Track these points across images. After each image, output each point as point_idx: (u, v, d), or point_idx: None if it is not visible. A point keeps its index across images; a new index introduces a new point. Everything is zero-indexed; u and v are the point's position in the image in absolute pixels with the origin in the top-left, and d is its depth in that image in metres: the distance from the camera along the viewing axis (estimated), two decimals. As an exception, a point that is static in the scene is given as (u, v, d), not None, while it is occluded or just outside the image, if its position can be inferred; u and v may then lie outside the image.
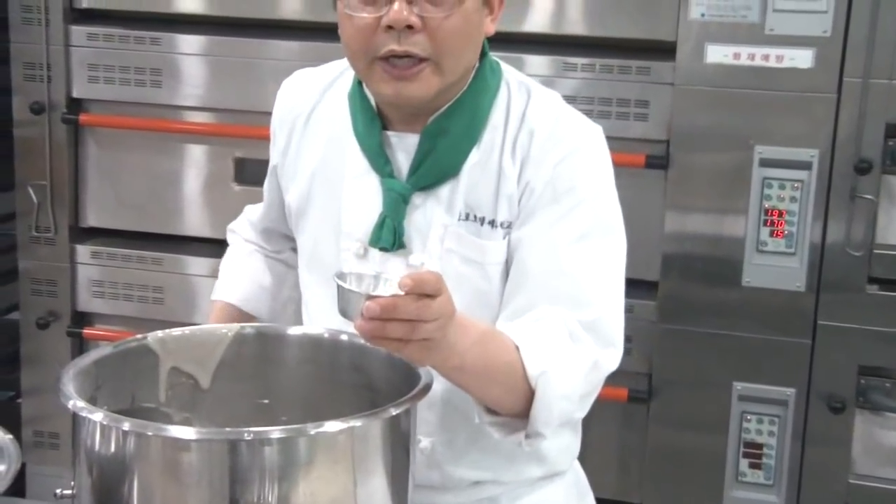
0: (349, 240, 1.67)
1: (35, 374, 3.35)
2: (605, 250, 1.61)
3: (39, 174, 3.20)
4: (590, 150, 1.63)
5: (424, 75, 1.55)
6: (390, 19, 1.51)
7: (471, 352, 1.43)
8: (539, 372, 1.47)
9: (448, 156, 1.62)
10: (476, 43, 1.60)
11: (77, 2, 3.16)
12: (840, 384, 2.80)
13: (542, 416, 1.49)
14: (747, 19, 2.70)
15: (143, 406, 1.53)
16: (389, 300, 1.29)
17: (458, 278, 1.59)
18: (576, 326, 1.55)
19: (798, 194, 2.74)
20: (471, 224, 1.62)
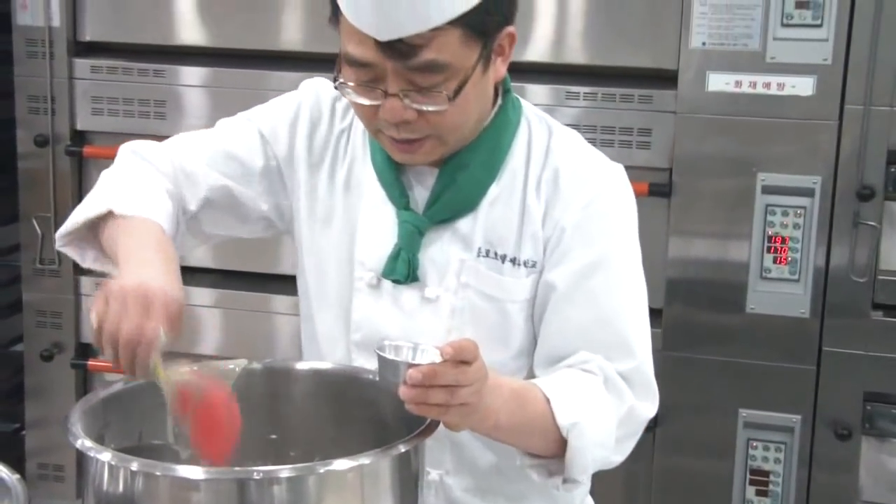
0: (362, 269, 1.65)
1: (39, 407, 3.34)
2: (638, 295, 1.63)
3: (44, 206, 3.20)
4: (616, 191, 1.63)
5: (427, 147, 1.55)
6: (385, 115, 1.51)
7: (504, 409, 1.45)
8: (570, 423, 1.48)
9: (467, 190, 1.61)
10: (484, 103, 1.59)
11: (80, 35, 3.17)
12: (846, 411, 2.80)
13: (577, 464, 1.50)
14: (748, 47, 2.71)
15: (151, 443, 1.53)
16: (431, 367, 1.32)
17: (475, 313, 1.61)
18: (613, 374, 1.56)
19: (801, 221, 2.75)
20: (490, 261, 1.61)
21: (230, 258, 3.16)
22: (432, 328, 1.60)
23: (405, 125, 1.51)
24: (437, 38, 1.45)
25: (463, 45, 1.48)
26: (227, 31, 3.10)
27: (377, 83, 1.49)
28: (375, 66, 1.48)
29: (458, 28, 1.46)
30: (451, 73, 1.48)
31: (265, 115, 1.74)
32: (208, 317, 3.17)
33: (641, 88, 2.82)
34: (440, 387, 1.33)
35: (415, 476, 1.41)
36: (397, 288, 1.63)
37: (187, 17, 3.11)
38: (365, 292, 1.65)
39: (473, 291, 1.61)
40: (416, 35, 1.44)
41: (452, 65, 1.48)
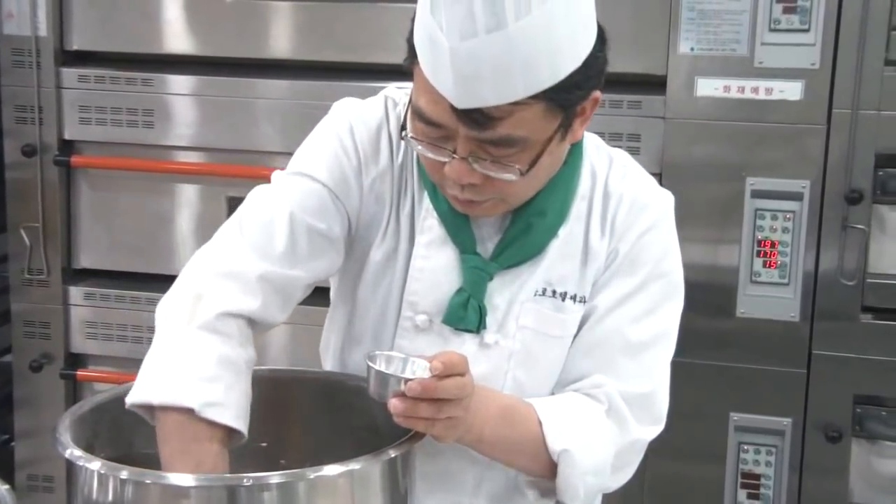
0: (412, 310, 1.57)
1: (29, 417, 3.33)
2: (669, 322, 1.60)
3: (32, 216, 3.19)
4: (669, 222, 1.61)
5: (490, 206, 1.49)
6: (451, 175, 1.43)
7: (489, 424, 1.45)
8: (561, 449, 1.48)
9: (540, 236, 1.55)
10: (555, 168, 1.51)
11: (68, 44, 3.16)
12: (836, 413, 2.80)
13: (568, 491, 1.50)
14: (736, 53, 2.72)
15: (140, 452, 1.52)
16: (428, 381, 1.32)
17: (529, 354, 1.57)
18: (620, 402, 1.54)
19: (790, 225, 2.75)
20: (549, 299, 1.57)
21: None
22: (489, 372, 1.55)
23: (471, 187, 1.44)
24: (518, 112, 1.37)
25: (543, 118, 1.39)
26: (215, 40, 3.10)
27: (446, 142, 1.42)
28: (447, 128, 1.40)
29: (542, 102, 1.37)
30: (526, 146, 1.40)
31: (324, 164, 1.56)
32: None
33: (630, 94, 2.82)
34: (430, 401, 1.33)
35: (405, 482, 1.41)
36: (453, 333, 1.56)
37: (175, 25, 3.11)
38: (412, 333, 1.58)
39: (530, 333, 1.57)
40: (496, 108, 1.36)
41: (529, 139, 1.40)
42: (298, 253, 1.53)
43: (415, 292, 1.57)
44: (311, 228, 1.54)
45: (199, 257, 1.54)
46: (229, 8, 3.05)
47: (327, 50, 3.01)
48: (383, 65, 2.80)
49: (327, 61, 3.03)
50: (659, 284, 1.58)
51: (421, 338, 1.57)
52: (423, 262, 1.57)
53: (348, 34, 2.98)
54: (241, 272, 1.49)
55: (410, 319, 1.58)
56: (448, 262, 1.56)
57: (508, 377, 1.57)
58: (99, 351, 3.26)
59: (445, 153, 1.42)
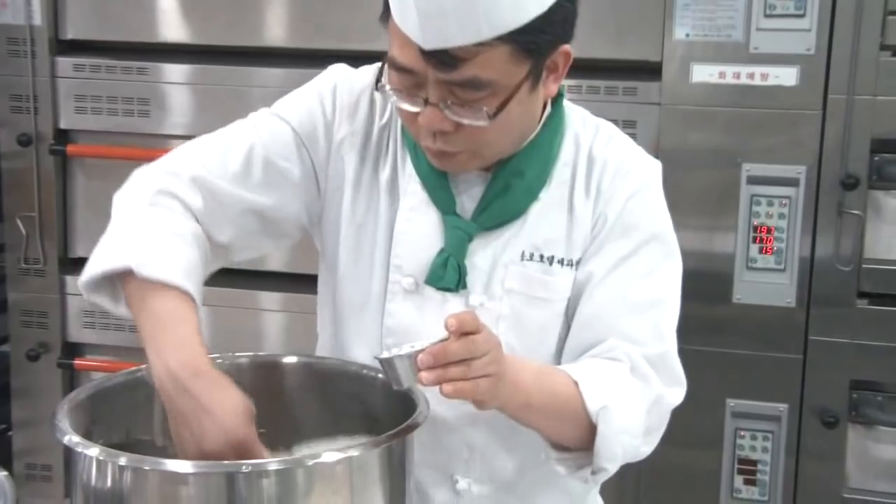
0: (398, 274, 1.60)
1: (26, 407, 3.34)
2: (670, 285, 1.61)
3: (28, 206, 3.20)
4: (656, 184, 1.63)
5: (463, 159, 1.52)
6: (423, 122, 1.46)
7: (534, 387, 1.44)
8: (599, 407, 1.47)
9: (519, 197, 1.57)
10: (528, 120, 1.54)
11: (62, 33, 3.16)
12: (832, 399, 2.81)
13: (606, 451, 1.48)
14: (732, 38, 2.72)
15: (138, 438, 1.52)
16: (438, 347, 1.31)
17: (519, 318, 1.58)
18: (641, 362, 1.54)
19: (786, 211, 2.76)
20: (536, 264, 1.58)
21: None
22: None
23: (442, 136, 1.47)
24: (483, 53, 1.39)
25: (510, 62, 1.41)
26: (210, 28, 3.09)
27: (418, 90, 1.45)
28: (417, 74, 1.43)
29: (507, 45, 1.40)
30: (495, 90, 1.42)
31: (298, 111, 1.63)
32: (195, 314, 3.16)
33: (626, 80, 2.83)
34: (454, 363, 1.32)
35: (403, 469, 1.41)
36: (439, 295, 1.58)
37: (170, 14, 3.11)
38: (400, 297, 1.60)
39: (518, 296, 1.58)
40: (461, 48, 1.38)
41: (496, 82, 1.42)
42: (250, 179, 1.58)
43: (399, 255, 1.60)
44: (269, 162, 1.59)
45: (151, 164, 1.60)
46: (224, -4, 3.05)
47: (321, 38, 3.01)
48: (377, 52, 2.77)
49: (322, 49, 3.02)
50: (653, 246, 1.59)
51: (409, 301, 1.59)
52: (407, 225, 1.60)
53: (342, 22, 2.98)
54: (183, 172, 1.56)
55: (398, 283, 1.60)
56: (431, 224, 1.59)
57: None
58: (96, 340, 3.26)
59: (418, 102, 1.45)
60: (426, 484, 1.63)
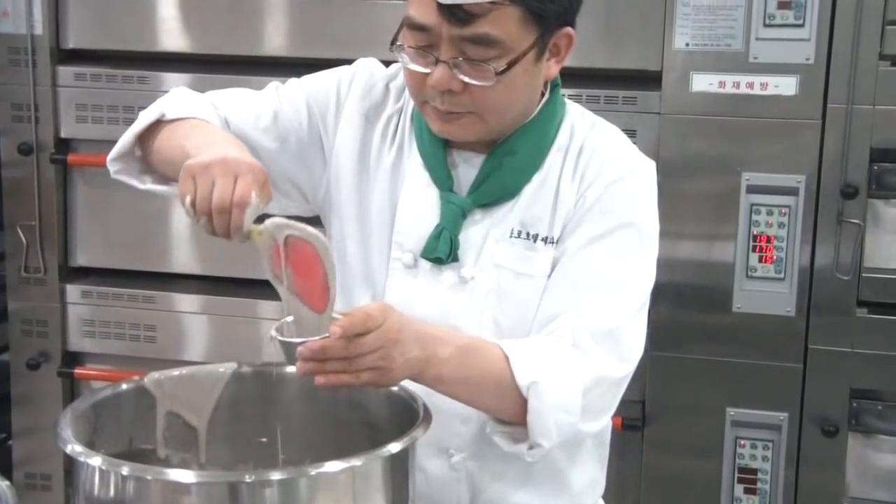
0: (399, 250, 1.68)
1: (26, 416, 3.33)
2: (639, 270, 1.65)
3: (28, 215, 3.19)
4: (642, 177, 1.68)
5: (466, 122, 1.59)
6: (432, 82, 1.55)
7: (448, 364, 1.48)
8: (529, 382, 1.50)
9: (511, 177, 1.66)
10: (529, 95, 1.63)
11: (63, 42, 3.16)
12: (832, 408, 2.81)
13: (538, 426, 1.51)
14: (731, 48, 2.72)
15: (140, 448, 1.53)
16: (318, 343, 1.36)
17: (507, 293, 1.65)
18: (584, 335, 1.57)
19: (786, 220, 2.76)
20: (522, 241, 1.65)
21: (216, 264, 3.15)
22: (467, 309, 1.64)
23: (450, 95, 1.55)
24: (496, 11, 1.49)
25: (519, 26, 1.52)
26: (210, 38, 3.10)
27: (431, 49, 1.54)
28: (431, 32, 1.52)
29: (518, 8, 1.50)
30: (503, 50, 1.52)
31: (316, 85, 1.77)
32: (195, 323, 3.16)
33: (626, 90, 2.83)
34: (335, 359, 1.37)
35: (406, 476, 1.41)
36: (435, 269, 1.66)
37: (170, 23, 3.11)
38: (401, 273, 1.68)
39: (507, 272, 1.65)
40: (476, 4, 1.48)
41: (506, 43, 1.52)
42: (259, 122, 1.73)
43: (400, 232, 1.68)
44: (278, 115, 1.73)
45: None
46: (224, 5, 3.06)
47: (321, 47, 3.01)
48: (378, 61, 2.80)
49: (321, 58, 3.00)
50: (628, 232, 1.63)
51: (409, 276, 1.67)
52: (409, 204, 1.68)
53: (342, 31, 2.98)
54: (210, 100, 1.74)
55: (399, 259, 1.68)
56: (430, 202, 1.67)
57: (486, 317, 1.64)
58: (96, 349, 3.26)
59: (430, 61, 1.54)
60: (421, 457, 1.64)
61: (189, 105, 1.67)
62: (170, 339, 3.19)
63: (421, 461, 1.64)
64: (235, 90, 1.80)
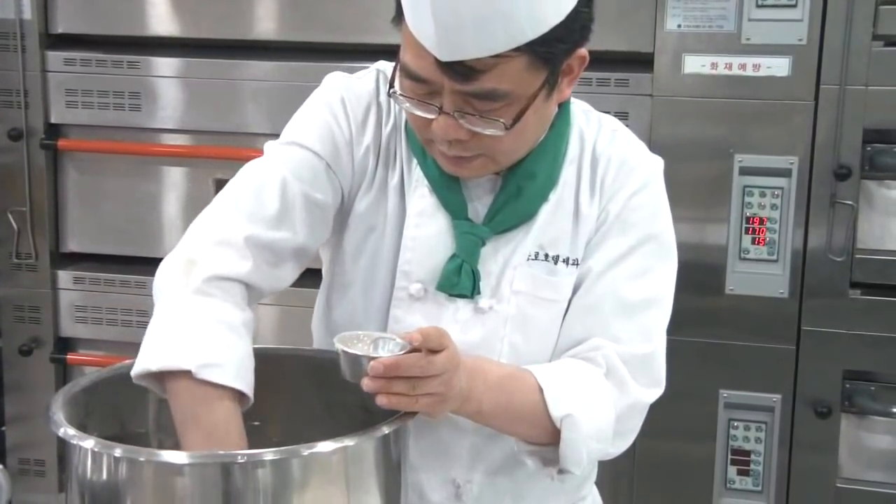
0: (406, 280, 1.57)
1: (19, 402, 3.33)
2: (663, 286, 1.60)
3: (19, 201, 3.18)
4: (658, 183, 1.62)
5: (478, 164, 1.50)
6: (438, 131, 1.44)
7: (487, 395, 1.44)
8: (563, 414, 1.47)
9: (531, 199, 1.56)
10: (543, 126, 1.53)
11: (52, 27, 3.15)
12: (825, 389, 2.81)
13: (571, 456, 1.49)
14: (724, 29, 2.72)
15: (132, 431, 1.52)
16: (393, 359, 1.31)
17: (525, 319, 1.57)
18: (619, 364, 1.54)
19: (778, 201, 2.76)
20: (541, 263, 1.57)
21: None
22: (484, 338, 1.56)
23: (458, 143, 1.45)
24: (501, 65, 1.38)
25: (527, 72, 1.40)
26: (200, 22, 3.09)
27: (432, 98, 1.43)
28: (432, 83, 1.42)
29: (524, 55, 1.38)
30: (511, 100, 1.41)
31: (316, 135, 1.57)
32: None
33: (617, 72, 2.82)
34: (403, 378, 1.32)
35: (399, 458, 1.41)
36: (448, 300, 1.57)
37: (160, 7, 3.10)
38: (406, 303, 1.57)
39: (524, 297, 1.57)
40: (478, 60, 1.37)
41: (513, 93, 1.41)
42: (290, 216, 1.54)
43: (408, 261, 1.57)
44: (305, 195, 1.55)
45: (193, 228, 1.55)
46: (214, -11, 3.05)
47: (312, 30, 3.00)
48: (369, 45, 2.79)
49: (312, 42, 3.02)
50: (651, 246, 1.58)
51: (416, 307, 1.57)
52: (416, 231, 1.57)
53: (333, 15, 2.97)
54: (231, 237, 1.50)
55: (405, 289, 1.57)
56: (441, 229, 1.57)
57: (505, 343, 1.57)
58: (88, 335, 3.26)
59: (432, 109, 1.43)
60: (426, 488, 1.63)
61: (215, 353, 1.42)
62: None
63: (425, 491, 1.62)
64: (243, 195, 1.55)
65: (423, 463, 1.58)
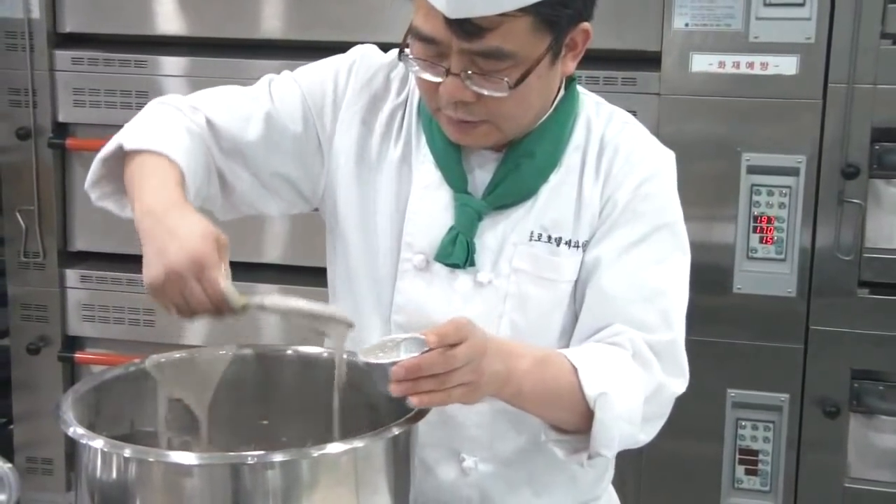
0: (409, 251, 1.63)
1: (27, 400, 3.33)
2: (679, 275, 1.62)
3: (27, 199, 3.19)
4: (669, 174, 1.64)
5: (482, 131, 1.55)
6: (444, 93, 1.49)
7: (527, 378, 1.45)
8: (597, 393, 1.47)
9: (529, 177, 1.60)
10: (546, 97, 1.58)
11: (60, 26, 3.16)
12: (833, 388, 2.81)
13: (603, 437, 1.49)
14: (731, 27, 2.71)
15: (142, 430, 1.52)
16: (413, 361, 1.32)
17: (524, 298, 1.60)
18: (645, 349, 1.55)
19: (786, 200, 2.75)
20: (544, 244, 1.60)
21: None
22: (484, 313, 1.59)
23: (463, 105, 1.50)
24: (506, 24, 1.43)
25: (531, 34, 1.45)
26: (207, 20, 3.09)
27: (441, 60, 1.48)
28: (441, 43, 1.47)
29: (529, 16, 1.44)
30: (516, 61, 1.46)
31: (312, 79, 1.69)
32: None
33: (625, 71, 2.82)
34: (429, 377, 1.33)
35: (408, 458, 1.41)
36: (449, 272, 1.61)
37: (167, 6, 3.10)
38: (411, 274, 1.63)
39: (525, 276, 1.60)
40: (485, 17, 1.42)
41: (518, 53, 1.46)
42: (250, 133, 1.65)
43: (411, 233, 1.62)
44: (272, 119, 1.66)
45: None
46: (221, -12, 3.05)
47: (318, 29, 3.00)
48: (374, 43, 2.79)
49: (318, 41, 3.02)
50: (664, 234, 1.60)
51: (419, 278, 1.62)
52: (419, 204, 1.63)
53: (339, 13, 2.97)
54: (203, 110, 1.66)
55: (409, 261, 1.63)
56: (443, 202, 1.62)
57: (504, 321, 1.60)
58: (96, 333, 3.26)
59: (440, 71, 1.48)
60: (432, 461, 1.64)
61: (151, 132, 1.56)
62: (169, 323, 3.18)
63: (432, 465, 1.64)
64: (226, 89, 1.71)
65: (429, 437, 1.58)
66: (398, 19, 1.61)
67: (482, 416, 1.62)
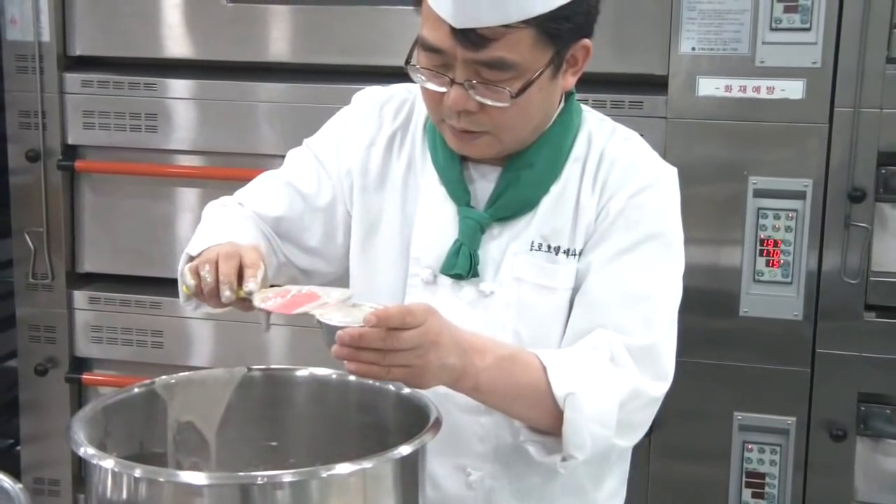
0: (417, 266, 1.68)
1: (34, 422, 3.33)
2: (668, 283, 1.64)
3: (36, 221, 3.20)
4: (666, 186, 1.67)
5: (483, 142, 1.60)
6: (448, 102, 1.55)
7: (485, 374, 1.47)
8: (565, 393, 1.49)
9: (529, 189, 1.65)
10: (546, 110, 1.63)
11: (70, 49, 3.17)
12: (840, 412, 2.81)
13: (574, 438, 1.50)
14: (738, 52, 2.72)
15: (151, 452, 1.53)
16: (357, 331, 1.37)
17: (526, 307, 1.64)
18: (622, 352, 1.56)
19: (793, 224, 2.76)
20: (542, 253, 1.64)
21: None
22: (487, 323, 1.63)
23: (466, 115, 1.56)
24: (510, 35, 1.49)
25: (534, 46, 1.52)
26: (216, 44, 3.11)
27: (446, 70, 1.54)
28: (446, 53, 1.53)
29: (532, 29, 1.50)
30: (518, 72, 1.52)
31: (320, 138, 1.81)
32: (202, 328, 3.16)
33: (632, 94, 2.83)
34: (370, 349, 1.37)
35: (416, 479, 1.41)
36: (454, 284, 1.65)
37: (177, 30, 3.12)
38: (419, 289, 1.67)
39: (526, 285, 1.64)
40: (490, 28, 1.48)
41: (520, 64, 1.52)
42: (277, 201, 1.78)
43: (419, 248, 1.68)
44: (293, 188, 1.77)
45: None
46: (229, 12, 3.06)
47: (326, 53, 3.02)
48: (383, 67, 2.80)
49: (327, 64, 3.04)
50: (655, 244, 1.62)
51: (428, 291, 1.66)
52: (426, 220, 1.68)
53: (347, 37, 2.99)
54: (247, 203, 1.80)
55: (417, 275, 1.68)
56: (447, 217, 1.67)
57: (508, 330, 1.64)
58: (104, 355, 3.27)
59: (445, 81, 1.54)
60: (439, 476, 1.65)
61: (216, 233, 1.67)
62: (177, 344, 3.20)
63: (437, 479, 1.65)
64: (262, 181, 1.82)
65: (435, 451, 1.58)
66: (405, 43, 1.63)
67: (486, 429, 1.62)
